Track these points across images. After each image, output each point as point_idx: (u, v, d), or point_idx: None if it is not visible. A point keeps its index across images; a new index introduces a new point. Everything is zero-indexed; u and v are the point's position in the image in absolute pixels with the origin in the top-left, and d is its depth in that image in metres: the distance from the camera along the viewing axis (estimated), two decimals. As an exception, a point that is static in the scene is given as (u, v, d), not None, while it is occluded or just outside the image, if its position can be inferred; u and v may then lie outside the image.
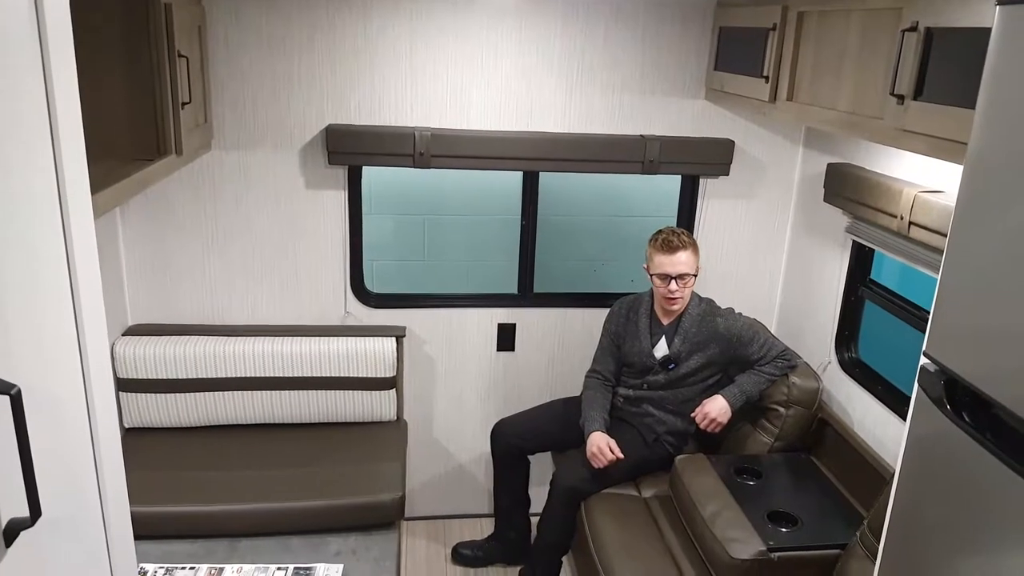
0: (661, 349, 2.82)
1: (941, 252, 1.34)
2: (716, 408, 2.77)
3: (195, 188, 2.93)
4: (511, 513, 3.13)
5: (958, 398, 1.29)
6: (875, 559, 1.57)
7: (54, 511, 0.99)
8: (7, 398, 0.84)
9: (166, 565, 2.43)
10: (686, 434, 2.88)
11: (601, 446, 2.71)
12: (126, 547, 1.29)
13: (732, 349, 2.79)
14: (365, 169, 3.05)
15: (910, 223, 2.27)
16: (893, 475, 1.49)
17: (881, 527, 1.54)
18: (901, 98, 1.77)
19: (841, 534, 2.31)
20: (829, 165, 2.77)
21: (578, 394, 3.07)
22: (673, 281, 2.71)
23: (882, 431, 2.57)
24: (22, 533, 0.89)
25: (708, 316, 2.80)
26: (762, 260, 3.29)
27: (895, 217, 2.35)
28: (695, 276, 2.75)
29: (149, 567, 2.41)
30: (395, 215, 3.88)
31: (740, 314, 2.87)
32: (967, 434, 1.24)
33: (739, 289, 3.25)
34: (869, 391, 2.66)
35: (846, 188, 2.65)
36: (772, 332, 3.10)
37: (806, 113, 2.30)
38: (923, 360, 1.37)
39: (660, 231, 2.76)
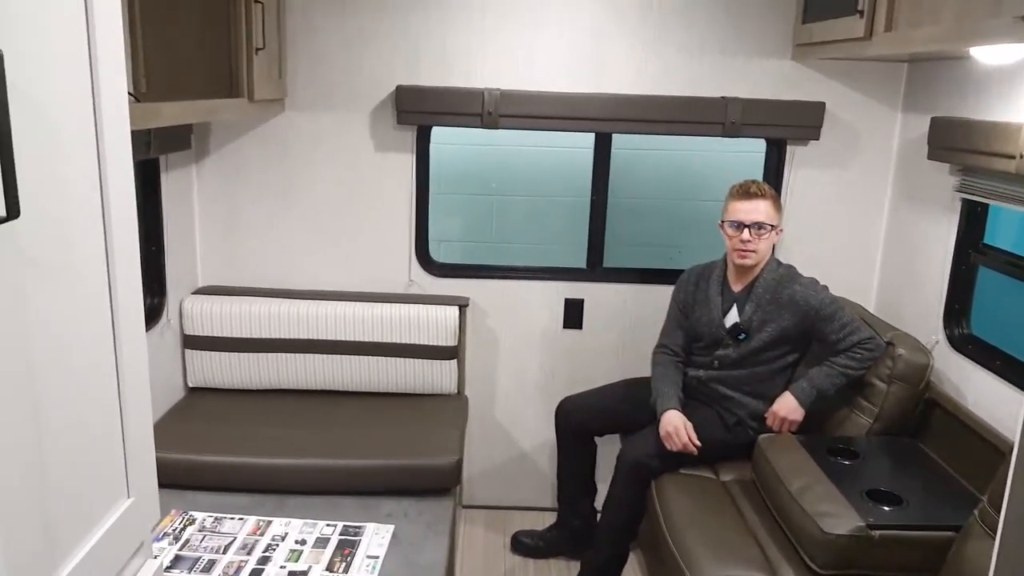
0: (731, 318, 2.60)
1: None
2: (785, 407, 2.51)
3: (267, 149, 2.93)
4: (575, 499, 2.92)
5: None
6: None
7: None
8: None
9: (215, 514, 2.35)
10: (771, 418, 2.63)
11: (678, 427, 2.50)
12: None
13: (808, 322, 2.52)
14: (434, 146, 3.00)
15: (1030, 159, 2.02)
16: (1014, 446, 1.26)
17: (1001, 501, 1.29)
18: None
19: (952, 516, 2.00)
20: (933, 119, 2.54)
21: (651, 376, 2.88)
22: (747, 230, 2.50)
23: (1002, 409, 2.26)
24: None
25: (785, 281, 2.56)
26: (858, 235, 3.04)
27: (1013, 158, 2.10)
28: (774, 230, 2.54)
29: (198, 515, 2.34)
30: (463, 195, 3.81)
31: (825, 287, 2.60)
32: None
33: (832, 268, 2.98)
34: (986, 367, 2.36)
35: (954, 138, 2.41)
36: (871, 314, 2.83)
37: (907, 38, 2.10)
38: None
39: (739, 182, 2.58)
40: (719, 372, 2.64)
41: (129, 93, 2.19)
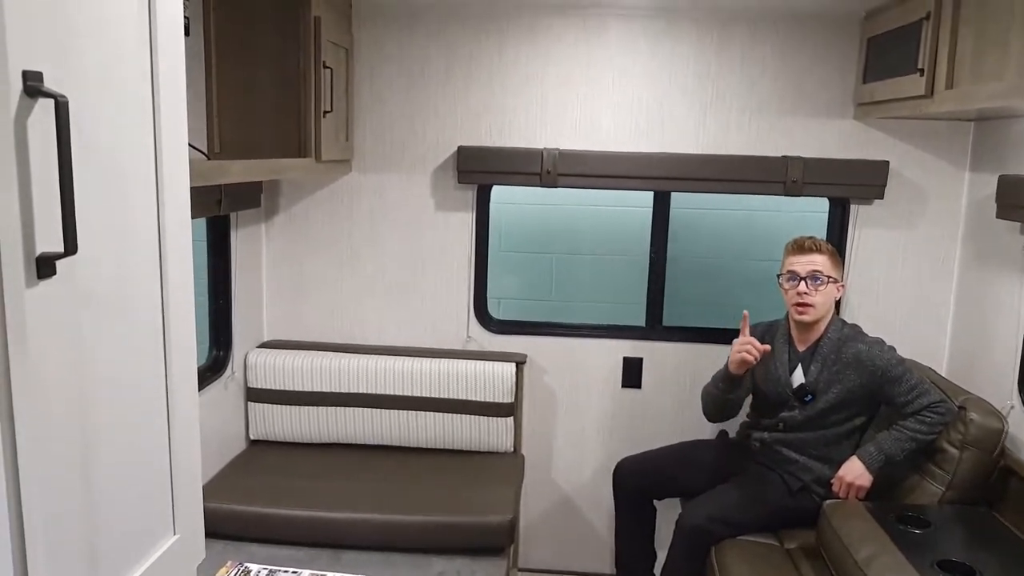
0: (797, 378, 2.52)
1: None
2: (852, 472, 2.40)
3: (332, 208, 3.04)
4: (634, 565, 2.82)
5: None
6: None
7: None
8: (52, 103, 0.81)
9: (271, 566, 2.36)
10: (837, 483, 2.51)
11: (743, 339, 2.47)
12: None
13: (875, 384, 2.42)
14: (495, 205, 3.07)
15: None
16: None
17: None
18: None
19: (1034, 593, 1.88)
20: (1001, 177, 2.46)
21: (712, 438, 2.81)
22: (803, 282, 2.44)
23: (1086, 480, 2.12)
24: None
25: (850, 340, 2.48)
26: (927, 296, 2.93)
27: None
28: (833, 284, 2.47)
29: (254, 567, 2.35)
30: (523, 253, 3.85)
31: (892, 348, 2.50)
32: None
33: (900, 329, 2.89)
34: (1065, 435, 2.23)
35: (1023, 196, 2.33)
36: (941, 377, 2.71)
37: (970, 95, 2.06)
38: None
39: (795, 237, 2.53)
40: (784, 434, 2.55)
41: (201, 151, 2.34)
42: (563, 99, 2.91)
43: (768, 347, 2.49)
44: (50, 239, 0.82)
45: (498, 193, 3.10)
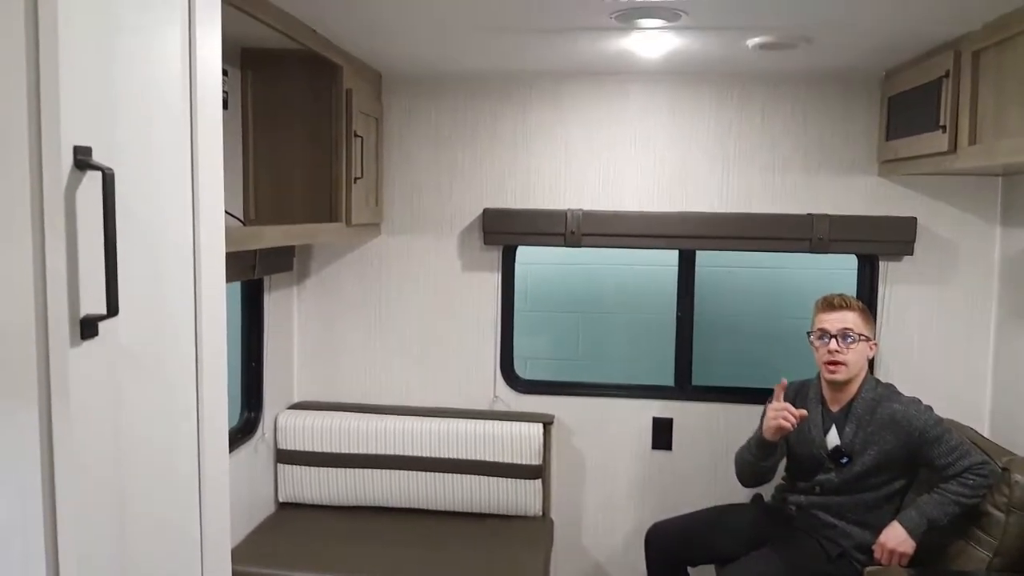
0: (832, 440, 2.47)
1: None
2: (894, 538, 2.31)
3: (362, 271, 3.10)
4: (668, 634, 2.74)
5: None
6: None
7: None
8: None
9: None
10: (878, 549, 2.43)
11: (775, 405, 2.41)
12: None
13: (913, 445, 2.35)
14: (521, 266, 3.11)
15: None
16: None
17: None
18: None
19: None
20: (1033, 230, 2.45)
21: (746, 502, 2.75)
22: (834, 340, 2.41)
23: None
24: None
25: (885, 400, 2.42)
26: (964, 353, 2.88)
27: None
28: (865, 342, 2.44)
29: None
30: (549, 313, 3.86)
31: (929, 407, 2.44)
32: None
33: (938, 388, 2.81)
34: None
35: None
36: (983, 437, 2.63)
37: (993, 151, 2.07)
38: None
39: (824, 295, 2.52)
40: (821, 498, 2.48)
41: (237, 218, 2.41)
42: (586, 160, 2.97)
43: (805, 412, 2.44)
44: (93, 301, 0.86)
45: (524, 253, 3.14)
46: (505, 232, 2.95)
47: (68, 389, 0.84)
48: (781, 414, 2.41)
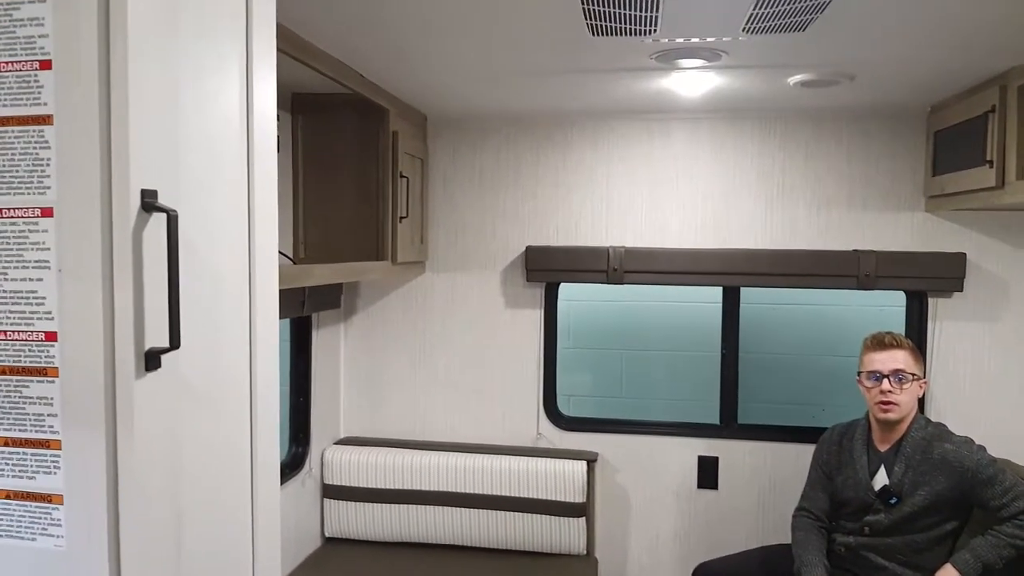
0: (880, 480, 2.41)
1: None
2: None
3: (407, 308, 3.16)
4: None
5: None
6: None
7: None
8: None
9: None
10: (931, 593, 2.35)
11: None
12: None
13: (966, 486, 2.29)
14: (564, 303, 3.12)
15: None
16: None
17: None
18: None
19: None
20: (1087, 266, 2.40)
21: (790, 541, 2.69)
22: (886, 379, 2.36)
23: None
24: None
25: (935, 439, 2.36)
26: (1017, 392, 2.80)
27: None
28: (916, 381, 2.39)
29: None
30: (592, 350, 3.86)
31: (981, 447, 2.37)
32: None
33: (991, 427, 2.75)
34: None
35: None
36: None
37: (1041, 185, 2.05)
38: None
39: (873, 333, 2.48)
40: (870, 539, 2.42)
41: (287, 256, 2.49)
42: (628, 197, 3.00)
43: None
44: (157, 335, 0.91)
45: (566, 290, 3.16)
46: (548, 269, 2.98)
47: (133, 417, 0.88)
48: None
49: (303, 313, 2.64)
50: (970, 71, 2.27)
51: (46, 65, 0.89)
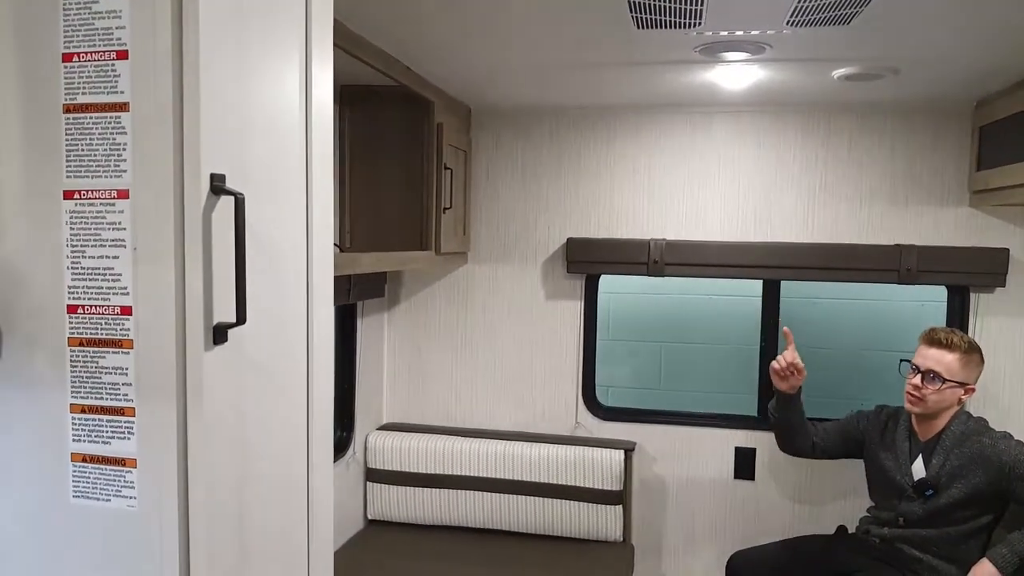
0: (918, 470, 2.41)
1: None
2: (984, 575, 2.25)
3: (449, 297, 3.22)
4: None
5: None
6: None
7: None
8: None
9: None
10: (970, 587, 2.34)
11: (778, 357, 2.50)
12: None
13: (1004, 481, 2.27)
14: (605, 295, 3.15)
15: None
16: None
17: None
18: None
19: None
20: None
21: (829, 533, 2.69)
22: (919, 376, 2.36)
23: None
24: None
25: (974, 434, 2.35)
26: (1063, 390, 2.76)
27: None
28: (954, 387, 2.35)
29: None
30: (632, 341, 3.89)
31: (1021, 443, 2.33)
32: None
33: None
34: None
35: None
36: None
37: (1091, 178, 2.02)
38: None
39: (934, 326, 2.47)
40: (905, 531, 2.42)
41: (336, 245, 2.57)
42: (670, 190, 3.01)
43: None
44: (224, 311, 0.97)
45: (607, 282, 3.19)
46: (588, 261, 3.01)
47: (202, 387, 0.95)
48: (776, 360, 2.50)
49: (349, 301, 2.71)
50: (1017, 65, 2.24)
51: (123, 55, 0.95)
